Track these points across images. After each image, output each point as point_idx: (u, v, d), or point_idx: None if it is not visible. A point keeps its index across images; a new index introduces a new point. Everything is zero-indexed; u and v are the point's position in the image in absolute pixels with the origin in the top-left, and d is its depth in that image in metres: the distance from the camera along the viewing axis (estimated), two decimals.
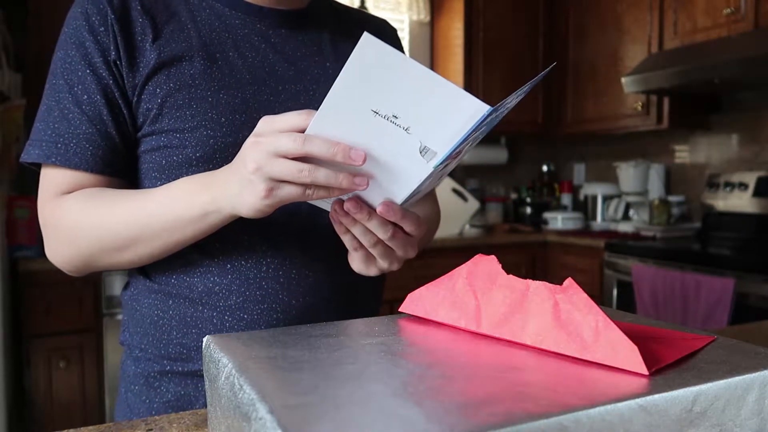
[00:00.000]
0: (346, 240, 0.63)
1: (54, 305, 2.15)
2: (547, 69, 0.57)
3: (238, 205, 0.59)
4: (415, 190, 0.57)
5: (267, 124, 0.56)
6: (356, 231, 0.61)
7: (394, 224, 0.61)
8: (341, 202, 0.58)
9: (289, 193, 0.56)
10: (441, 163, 0.53)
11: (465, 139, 0.51)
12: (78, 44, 0.70)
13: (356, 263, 0.66)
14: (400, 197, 0.58)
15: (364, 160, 0.53)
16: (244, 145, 0.58)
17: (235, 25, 0.75)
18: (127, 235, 0.67)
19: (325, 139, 0.53)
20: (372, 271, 0.66)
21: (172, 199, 0.65)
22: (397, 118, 0.51)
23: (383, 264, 0.65)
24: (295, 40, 0.78)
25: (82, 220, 0.69)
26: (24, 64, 2.37)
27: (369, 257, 0.65)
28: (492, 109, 0.49)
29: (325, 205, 0.63)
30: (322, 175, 0.54)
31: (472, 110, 0.49)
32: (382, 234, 0.60)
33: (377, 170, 0.56)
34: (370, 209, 0.59)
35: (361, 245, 0.63)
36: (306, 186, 0.55)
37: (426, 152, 0.53)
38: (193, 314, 0.73)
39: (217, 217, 0.63)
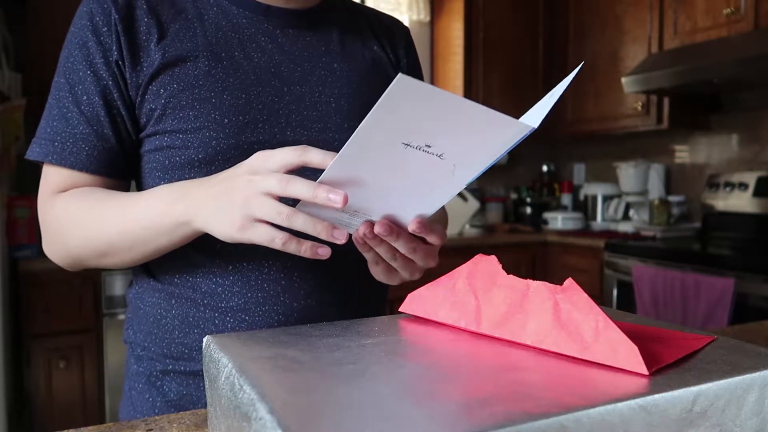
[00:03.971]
0: (369, 256, 0.63)
1: (54, 305, 2.15)
2: (576, 69, 0.56)
3: (211, 227, 0.59)
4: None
5: (261, 161, 0.57)
6: (380, 250, 0.60)
7: (418, 238, 0.60)
8: (371, 225, 0.58)
9: (258, 235, 0.56)
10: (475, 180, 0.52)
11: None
12: (81, 44, 0.70)
13: (379, 275, 0.66)
14: (429, 212, 0.57)
15: (345, 202, 0.52)
16: (236, 174, 0.58)
17: (242, 25, 0.74)
18: (108, 241, 0.68)
19: (308, 181, 0.53)
20: (395, 281, 0.67)
21: (150, 207, 0.65)
22: (430, 147, 0.49)
23: (405, 275, 0.65)
24: (302, 40, 0.77)
25: (70, 221, 0.69)
26: (24, 64, 2.37)
27: (390, 269, 0.65)
28: (534, 128, 0.47)
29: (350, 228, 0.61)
30: (299, 220, 0.55)
31: (514, 131, 0.47)
32: (406, 251, 0.60)
33: (404, 192, 0.54)
34: (399, 229, 0.58)
35: (382, 259, 0.63)
36: (280, 230, 0.56)
37: (459, 172, 0.52)
38: (195, 314, 0.73)
39: (187, 229, 0.63)
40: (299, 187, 0.53)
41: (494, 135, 0.48)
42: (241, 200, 0.56)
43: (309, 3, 0.78)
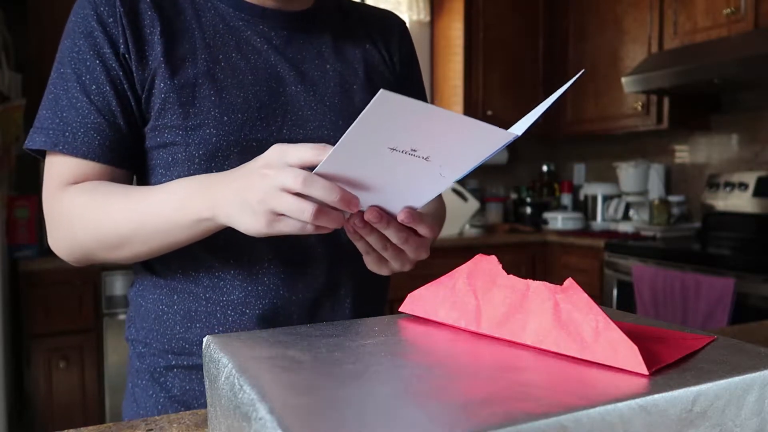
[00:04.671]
0: (359, 245, 0.63)
1: (54, 305, 2.15)
2: (574, 77, 0.56)
3: (237, 223, 0.59)
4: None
5: (278, 155, 0.56)
6: (371, 239, 0.61)
7: (409, 228, 0.61)
8: (361, 213, 0.58)
9: (287, 226, 0.56)
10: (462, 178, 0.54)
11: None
12: (86, 34, 0.70)
13: (370, 265, 0.67)
14: (417, 206, 0.59)
15: (358, 207, 0.54)
16: (252, 168, 0.58)
17: (239, 27, 0.75)
18: (122, 234, 0.67)
19: (327, 183, 0.53)
20: (385, 271, 0.67)
21: (167, 201, 0.64)
22: (416, 150, 0.50)
23: (395, 265, 0.65)
24: (297, 42, 0.79)
25: (82, 214, 0.69)
26: (24, 64, 2.37)
27: (381, 259, 0.65)
28: (517, 136, 0.48)
29: None
30: (323, 219, 0.54)
31: (498, 139, 0.49)
32: (397, 240, 0.60)
33: (393, 188, 0.55)
34: (389, 217, 0.59)
35: (373, 249, 0.63)
36: (306, 223, 0.55)
37: (446, 171, 0.53)
38: (197, 309, 0.73)
39: (210, 224, 0.63)
40: (318, 188, 0.53)
41: (477, 141, 0.49)
42: (260, 197, 0.55)
43: (303, 5, 0.80)
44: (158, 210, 0.65)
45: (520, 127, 0.50)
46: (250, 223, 0.57)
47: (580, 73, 0.57)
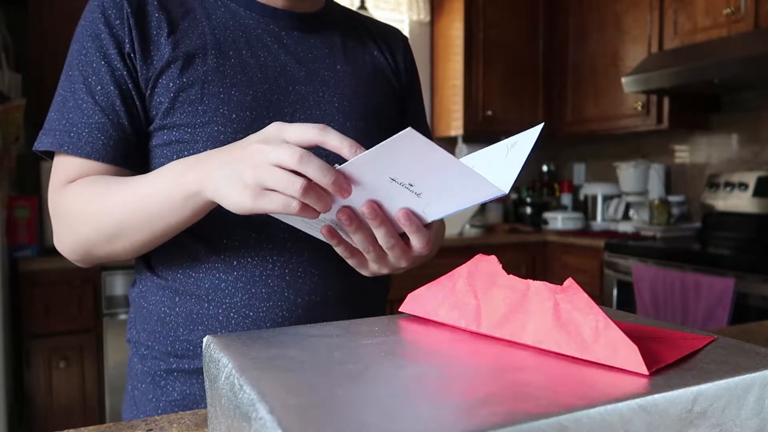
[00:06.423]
0: (339, 250, 0.64)
1: (54, 305, 2.15)
2: (537, 127, 0.57)
3: (223, 197, 0.57)
4: None
5: (276, 131, 0.56)
6: (356, 237, 0.60)
7: (398, 236, 0.61)
8: (347, 208, 0.58)
9: (272, 202, 0.54)
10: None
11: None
12: (93, 36, 0.71)
13: (354, 265, 0.67)
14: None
15: (350, 194, 0.54)
16: (249, 142, 0.57)
17: (249, 25, 0.76)
18: (119, 221, 0.67)
19: (323, 163, 0.52)
20: (365, 272, 0.67)
21: (160, 182, 0.64)
22: (413, 186, 0.53)
23: (374, 267, 0.65)
24: (307, 42, 0.79)
25: (82, 208, 0.69)
26: (24, 64, 2.37)
27: (363, 260, 0.65)
28: (505, 193, 0.52)
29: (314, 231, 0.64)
30: (311, 195, 0.53)
31: (488, 192, 0.52)
32: (384, 243, 0.60)
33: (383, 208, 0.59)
34: (384, 217, 0.59)
35: (353, 254, 0.64)
36: (292, 199, 0.54)
37: (429, 210, 0.57)
38: (199, 311, 0.73)
39: (198, 200, 0.61)
40: (313, 167, 0.52)
41: (469, 190, 0.53)
42: (251, 169, 0.54)
43: (312, 7, 0.81)
44: (152, 191, 0.64)
45: (506, 184, 0.53)
46: (236, 197, 0.56)
47: (540, 126, 0.58)
